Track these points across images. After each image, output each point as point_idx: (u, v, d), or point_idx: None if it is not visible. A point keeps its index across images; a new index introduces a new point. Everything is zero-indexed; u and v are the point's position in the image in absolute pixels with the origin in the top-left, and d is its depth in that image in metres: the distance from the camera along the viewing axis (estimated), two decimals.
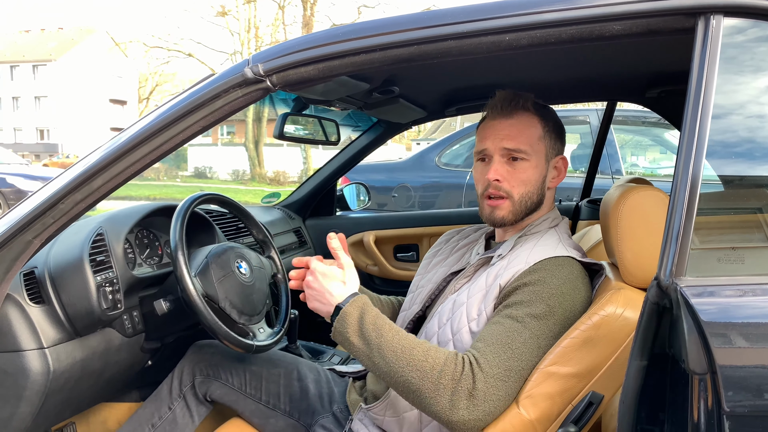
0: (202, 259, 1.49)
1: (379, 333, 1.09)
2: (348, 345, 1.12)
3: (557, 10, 0.94)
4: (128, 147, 1.08)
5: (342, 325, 1.12)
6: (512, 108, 1.28)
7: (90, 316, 1.32)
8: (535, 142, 1.27)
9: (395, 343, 1.08)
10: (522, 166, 1.26)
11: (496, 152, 1.27)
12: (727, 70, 0.89)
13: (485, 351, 1.07)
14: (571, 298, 1.13)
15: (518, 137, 1.25)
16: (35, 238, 1.11)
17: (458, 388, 1.03)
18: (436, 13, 1.00)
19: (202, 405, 1.54)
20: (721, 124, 0.89)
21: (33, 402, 1.25)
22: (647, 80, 1.81)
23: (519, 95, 1.28)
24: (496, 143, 1.27)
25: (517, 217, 1.29)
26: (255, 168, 18.40)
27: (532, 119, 1.28)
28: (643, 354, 0.86)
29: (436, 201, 5.17)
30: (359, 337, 1.10)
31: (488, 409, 1.03)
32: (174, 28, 58.76)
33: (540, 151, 1.28)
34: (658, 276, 0.84)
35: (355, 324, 1.11)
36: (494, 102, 1.30)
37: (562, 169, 1.33)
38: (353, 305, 1.12)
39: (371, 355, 1.09)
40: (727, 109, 0.91)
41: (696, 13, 0.90)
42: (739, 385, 0.78)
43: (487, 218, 1.30)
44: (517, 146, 1.25)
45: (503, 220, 1.28)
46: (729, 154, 0.93)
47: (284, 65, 1.04)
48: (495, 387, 1.04)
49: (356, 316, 1.11)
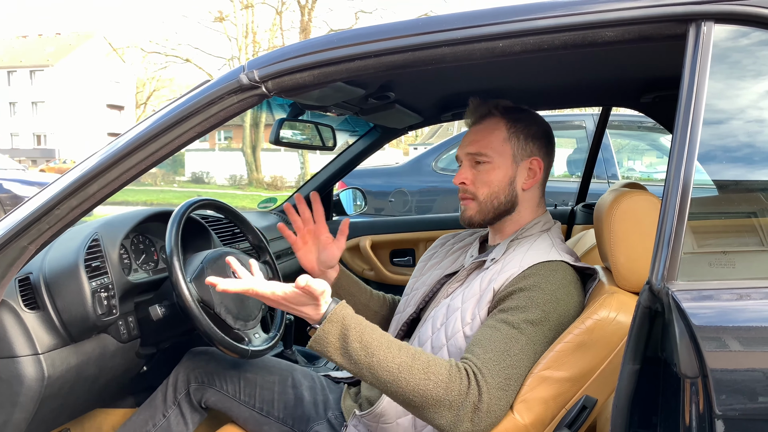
0: (198, 264, 1.49)
1: (368, 352, 1.02)
2: (334, 361, 1.05)
3: (550, 17, 0.95)
4: (124, 153, 1.08)
5: (321, 345, 1.03)
6: (480, 114, 1.35)
7: (85, 322, 1.32)
8: (498, 145, 1.31)
9: (389, 362, 1.02)
10: (484, 168, 1.31)
11: (464, 158, 1.34)
12: (718, 76, 0.90)
13: (485, 359, 1.07)
14: (565, 304, 1.14)
15: (480, 141, 1.31)
16: (30, 243, 1.11)
17: (465, 403, 1.03)
18: (430, 20, 1.01)
19: (197, 412, 1.54)
20: (712, 129, 0.90)
21: (27, 408, 1.25)
22: (642, 85, 1.82)
23: (487, 102, 1.35)
24: (463, 149, 1.34)
25: (486, 217, 1.32)
26: (252, 173, 18.41)
27: (498, 123, 1.32)
28: (636, 358, 0.86)
29: (432, 206, 5.18)
30: (343, 357, 1.03)
31: (491, 420, 1.05)
32: (172, 34, 58.80)
33: (505, 153, 1.31)
34: (650, 280, 0.85)
35: (336, 344, 1.02)
36: (467, 111, 1.38)
37: (537, 170, 1.33)
38: (331, 324, 1.02)
39: (361, 374, 1.04)
40: (718, 114, 0.92)
41: (687, 20, 0.91)
42: (731, 388, 0.79)
43: (461, 218, 1.36)
44: (478, 150, 1.31)
45: (471, 220, 1.33)
46: (720, 158, 0.94)
47: (279, 71, 1.05)
48: (497, 398, 1.05)
49: (336, 335, 1.02)
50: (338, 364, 1.05)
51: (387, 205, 5.21)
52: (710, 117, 0.89)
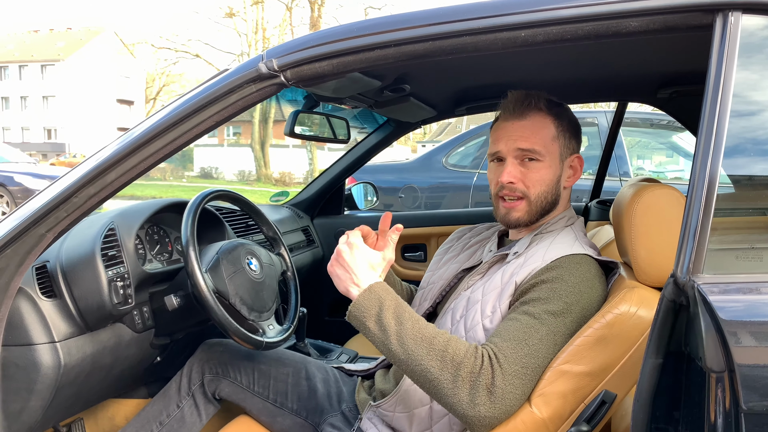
0: (213, 255, 1.49)
1: (399, 321, 1.07)
2: (364, 330, 1.11)
3: (574, 7, 0.94)
4: (142, 141, 1.08)
5: (359, 311, 1.10)
6: (525, 108, 1.27)
7: (101, 311, 1.32)
8: (548, 143, 1.26)
9: (416, 331, 1.06)
10: (536, 167, 1.26)
11: (510, 154, 1.27)
12: (746, 68, 0.89)
13: (502, 346, 1.06)
14: (588, 296, 1.13)
15: (531, 138, 1.25)
16: (48, 231, 1.11)
17: (477, 383, 1.02)
18: (451, 9, 1.00)
19: (210, 404, 1.54)
20: (739, 122, 0.88)
21: (44, 396, 1.25)
22: (659, 80, 1.80)
23: (531, 95, 1.28)
24: (510, 145, 1.27)
25: (533, 218, 1.28)
26: (261, 169, 18.45)
27: (545, 119, 1.27)
28: (659, 352, 0.85)
29: (442, 202, 5.16)
30: (376, 324, 1.09)
31: (505, 407, 1.03)
32: (182, 29, 58.97)
33: (554, 152, 1.27)
34: (674, 273, 0.84)
35: (373, 311, 1.09)
36: (506, 103, 1.30)
37: (578, 168, 1.33)
38: (373, 293, 1.11)
39: (387, 342, 1.07)
40: (745, 108, 0.90)
41: (714, 10, 0.89)
42: (758, 383, 0.77)
43: (502, 219, 1.30)
44: (531, 146, 1.25)
45: (518, 222, 1.28)
46: (748, 152, 0.92)
47: (298, 60, 1.04)
48: (512, 384, 1.03)
49: (376, 304, 1.09)
50: (368, 331, 1.09)
51: (397, 201, 5.20)
52: (737, 110, 0.88)
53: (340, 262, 1.15)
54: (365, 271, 1.13)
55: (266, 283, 1.55)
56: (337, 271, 1.15)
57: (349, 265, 1.13)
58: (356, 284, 1.12)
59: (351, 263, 1.13)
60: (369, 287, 1.11)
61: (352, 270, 1.13)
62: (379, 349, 1.10)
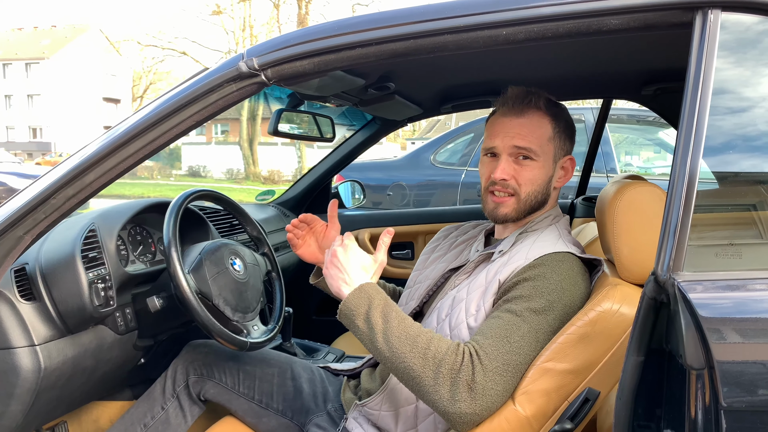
0: (196, 255, 1.48)
1: (386, 319, 1.10)
2: (353, 328, 1.13)
3: (554, 4, 0.94)
4: (122, 141, 1.07)
5: (349, 309, 1.12)
6: (524, 106, 1.26)
7: (82, 313, 1.30)
8: (544, 143, 1.26)
9: (401, 329, 1.09)
10: (529, 165, 1.25)
11: (505, 150, 1.26)
12: (725, 66, 0.89)
13: (484, 344, 1.07)
14: (570, 294, 1.13)
15: (528, 137, 1.24)
16: (26, 233, 1.10)
17: (458, 379, 1.03)
18: (432, 7, 0.99)
19: (195, 405, 1.53)
20: (718, 120, 0.89)
21: (24, 400, 1.23)
22: (643, 78, 1.81)
23: (531, 93, 1.27)
24: (506, 141, 1.26)
25: (520, 215, 1.28)
26: (249, 167, 18.36)
27: (543, 119, 1.26)
28: (640, 349, 0.85)
29: (431, 199, 5.16)
30: (365, 322, 1.11)
31: (486, 404, 1.03)
32: (169, 27, 58.54)
33: (548, 152, 1.27)
34: (655, 271, 0.84)
35: (362, 309, 1.11)
36: (506, 98, 1.28)
37: (569, 169, 1.33)
38: (363, 292, 1.13)
39: (374, 340, 1.09)
40: (724, 105, 0.90)
41: (694, 8, 0.90)
42: (737, 380, 0.78)
43: (490, 213, 1.30)
44: (527, 145, 1.24)
45: (506, 217, 1.28)
46: (727, 149, 0.92)
47: (279, 59, 1.03)
48: (493, 381, 1.04)
49: (365, 303, 1.12)
50: (357, 329, 1.12)
51: (385, 199, 5.19)
52: (717, 107, 0.88)
53: (334, 263, 1.17)
54: (357, 271, 1.16)
55: (250, 284, 1.54)
56: (331, 272, 1.18)
57: (342, 265, 1.16)
58: (348, 284, 1.15)
59: (344, 264, 1.16)
60: (360, 287, 1.13)
61: (345, 270, 1.16)
62: (366, 347, 1.12)
